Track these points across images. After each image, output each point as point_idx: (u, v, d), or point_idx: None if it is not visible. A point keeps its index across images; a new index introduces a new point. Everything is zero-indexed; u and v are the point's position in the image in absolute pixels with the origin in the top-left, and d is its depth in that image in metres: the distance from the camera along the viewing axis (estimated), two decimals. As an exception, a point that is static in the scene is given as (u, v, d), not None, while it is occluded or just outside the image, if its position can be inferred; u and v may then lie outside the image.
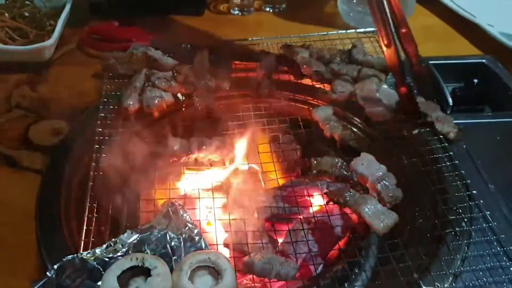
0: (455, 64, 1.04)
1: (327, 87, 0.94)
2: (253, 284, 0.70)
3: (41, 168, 0.81)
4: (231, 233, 0.73)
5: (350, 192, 0.74)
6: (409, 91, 0.82)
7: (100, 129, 0.83)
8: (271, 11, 1.27)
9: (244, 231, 0.73)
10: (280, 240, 0.77)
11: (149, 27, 1.12)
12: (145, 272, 0.58)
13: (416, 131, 0.86)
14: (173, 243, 0.66)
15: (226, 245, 0.72)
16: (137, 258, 0.59)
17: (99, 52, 1.03)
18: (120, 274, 0.58)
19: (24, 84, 0.99)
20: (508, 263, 0.68)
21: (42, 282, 0.60)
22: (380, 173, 0.75)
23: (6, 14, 1.05)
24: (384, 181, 0.74)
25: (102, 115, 0.85)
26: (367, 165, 0.77)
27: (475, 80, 1.00)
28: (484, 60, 1.04)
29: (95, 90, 0.96)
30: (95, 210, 0.71)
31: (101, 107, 0.87)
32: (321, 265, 0.76)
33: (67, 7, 1.10)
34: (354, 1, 1.20)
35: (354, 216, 0.76)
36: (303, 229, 0.75)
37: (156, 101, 0.86)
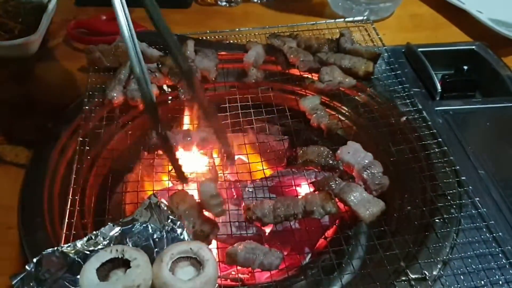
0: (445, 51, 1.03)
1: (314, 76, 0.93)
2: (237, 275, 0.69)
3: (25, 163, 0.80)
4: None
5: (336, 181, 0.73)
6: None
7: (84, 122, 0.81)
8: (259, 2, 1.25)
9: (230, 222, 0.72)
10: (267, 231, 0.77)
11: (136, 20, 1.11)
12: (125, 264, 0.57)
13: (404, 119, 0.85)
14: (155, 236, 0.65)
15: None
16: (116, 250, 0.58)
17: (85, 45, 1.02)
18: (99, 266, 0.57)
19: (9, 79, 0.98)
20: (497, 250, 0.67)
21: (21, 276, 0.59)
22: (366, 161, 0.75)
23: (-9, 10, 1.05)
24: (370, 169, 0.73)
25: (87, 108, 0.84)
26: (353, 153, 0.76)
27: (465, 67, 0.99)
28: (474, 47, 1.03)
29: (80, 84, 0.96)
30: (77, 203, 0.70)
31: (85, 100, 0.86)
32: (309, 255, 0.76)
33: (53, 2, 1.09)
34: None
35: (342, 205, 0.75)
36: (290, 219, 0.74)
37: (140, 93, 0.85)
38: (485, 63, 0.99)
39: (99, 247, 0.63)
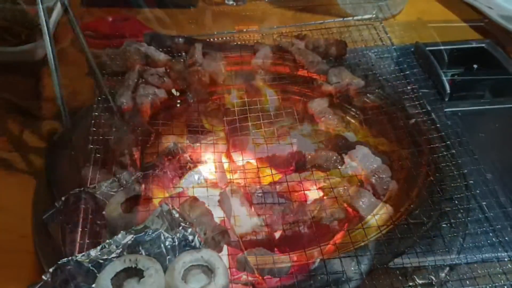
0: (454, 49, 1.02)
1: (323, 78, 0.93)
2: (248, 280, 0.70)
3: (36, 170, 0.82)
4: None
5: (345, 186, 0.73)
6: None
7: (94, 129, 0.82)
8: (266, 0, 1.25)
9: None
10: (277, 235, 0.77)
11: (143, 21, 1.11)
12: (139, 273, 0.59)
13: (413, 121, 0.85)
14: (167, 243, 0.66)
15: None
16: (130, 260, 0.60)
17: (93, 49, 1.02)
18: (113, 276, 0.58)
19: (17, 84, 0.99)
20: (503, 254, 0.68)
21: (37, 286, 0.60)
22: (375, 166, 0.75)
23: (-3, 15, 1.05)
24: (378, 174, 0.74)
25: (96, 114, 0.85)
26: (362, 158, 0.76)
27: (475, 66, 0.99)
28: (483, 45, 1.02)
29: (89, 89, 0.96)
30: (90, 211, 0.71)
31: (95, 106, 0.86)
32: (318, 260, 0.76)
33: (59, 5, 1.09)
34: (351, -13, 1.18)
35: (351, 210, 0.76)
36: (299, 224, 0.75)
37: (149, 98, 0.86)
38: (495, 61, 0.98)
39: (113, 255, 0.64)
